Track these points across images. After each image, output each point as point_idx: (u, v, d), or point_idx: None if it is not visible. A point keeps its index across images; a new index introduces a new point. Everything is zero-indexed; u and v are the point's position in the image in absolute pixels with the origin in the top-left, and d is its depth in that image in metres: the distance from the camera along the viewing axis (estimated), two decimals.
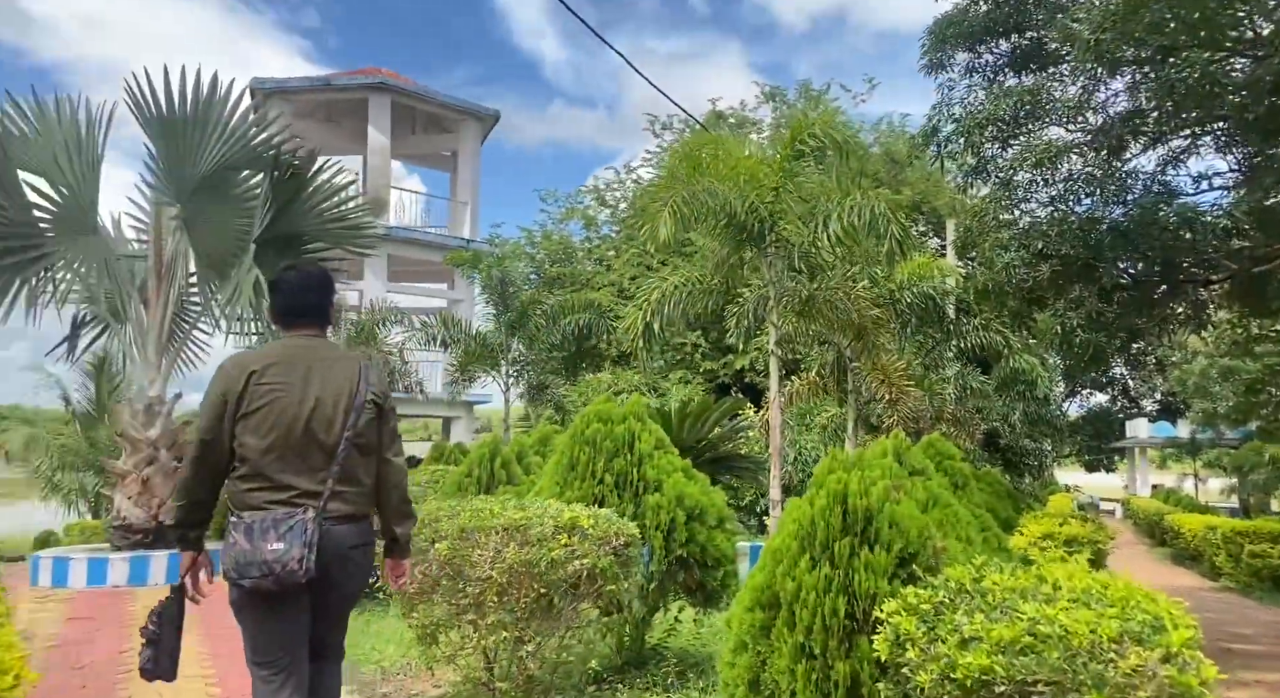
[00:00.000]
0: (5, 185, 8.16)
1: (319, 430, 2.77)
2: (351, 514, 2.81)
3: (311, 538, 2.62)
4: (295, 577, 2.58)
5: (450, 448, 12.10)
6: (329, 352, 2.93)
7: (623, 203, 23.38)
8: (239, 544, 2.61)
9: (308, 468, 2.75)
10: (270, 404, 2.72)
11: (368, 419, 2.87)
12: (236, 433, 2.73)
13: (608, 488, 5.06)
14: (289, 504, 2.69)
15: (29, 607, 7.44)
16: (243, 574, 2.59)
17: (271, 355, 2.82)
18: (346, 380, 2.85)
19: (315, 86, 19.72)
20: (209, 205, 8.81)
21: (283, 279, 3.01)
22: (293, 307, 2.95)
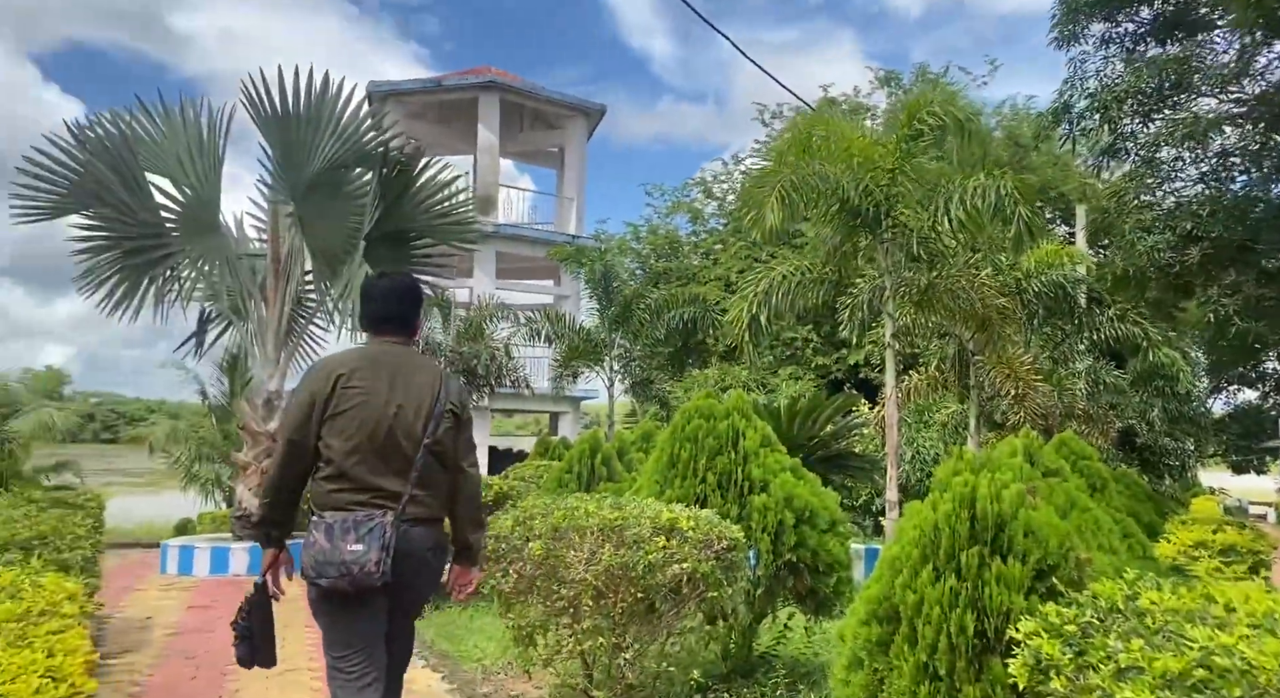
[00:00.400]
0: (135, 187, 8.53)
1: (401, 436, 2.83)
2: (428, 518, 2.88)
3: (389, 541, 2.67)
4: (371, 579, 2.63)
5: (555, 443, 12.07)
6: (412, 360, 3.01)
7: (730, 195, 23.00)
8: (318, 544, 2.67)
9: (389, 471, 2.81)
10: (356, 408, 2.79)
11: (446, 428, 2.92)
12: (322, 435, 2.80)
13: (710, 487, 4.81)
14: (370, 505, 2.74)
15: (155, 594, 7.75)
16: (321, 573, 2.65)
17: (358, 360, 2.90)
18: (428, 389, 2.91)
19: (427, 88, 20.16)
20: (322, 203, 9.00)
21: (373, 287, 3.09)
22: (381, 314, 3.01)
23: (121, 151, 8.47)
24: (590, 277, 13.46)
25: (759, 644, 5.18)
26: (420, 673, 5.35)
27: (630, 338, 14.21)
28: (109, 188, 8.39)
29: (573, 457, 6.76)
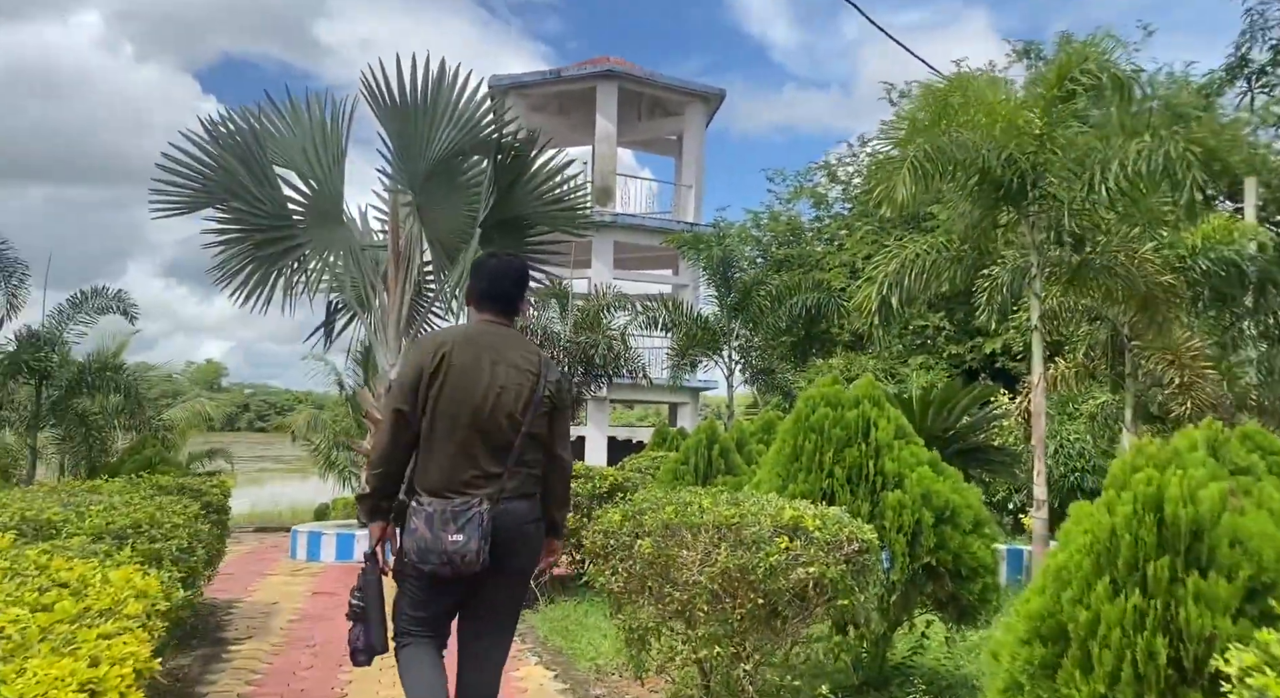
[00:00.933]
0: (264, 181, 8.72)
1: (500, 416, 2.84)
2: (525, 494, 2.91)
3: (487, 529, 2.71)
4: (472, 567, 2.69)
5: (673, 433, 11.80)
6: (516, 342, 3.01)
7: (855, 178, 22.13)
8: (420, 532, 2.71)
9: (488, 451, 2.82)
10: (458, 386, 2.81)
11: (543, 413, 2.94)
12: (425, 409, 2.82)
13: (838, 482, 4.41)
14: (468, 488, 2.77)
15: (284, 579, 7.91)
16: (424, 561, 2.71)
17: (463, 337, 2.92)
18: (529, 373, 2.93)
19: (547, 80, 20.24)
20: (439, 192, 8.99)
21: (484, 264, 3.11)
22: (489, 292, 3.03)
23: (251, 146, 8.68)
24: (708, 263, 13.09)
25: (894, 654, 4.74)
26: (533, 670, 5.17)
27: (750, 326, 13.76)
28: (240, 182, 8.61)
29: (689, 448, 6.45)
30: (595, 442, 18.78)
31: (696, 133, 21.07)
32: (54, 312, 12.52)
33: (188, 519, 3.12)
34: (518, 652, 5.51)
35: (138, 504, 3.02)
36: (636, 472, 9.00)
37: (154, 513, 2.92)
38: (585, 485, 6.98)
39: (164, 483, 5.35)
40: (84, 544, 2.38)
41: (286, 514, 19.37)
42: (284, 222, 8.94)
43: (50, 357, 12.24)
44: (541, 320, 14.94)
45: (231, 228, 8.80)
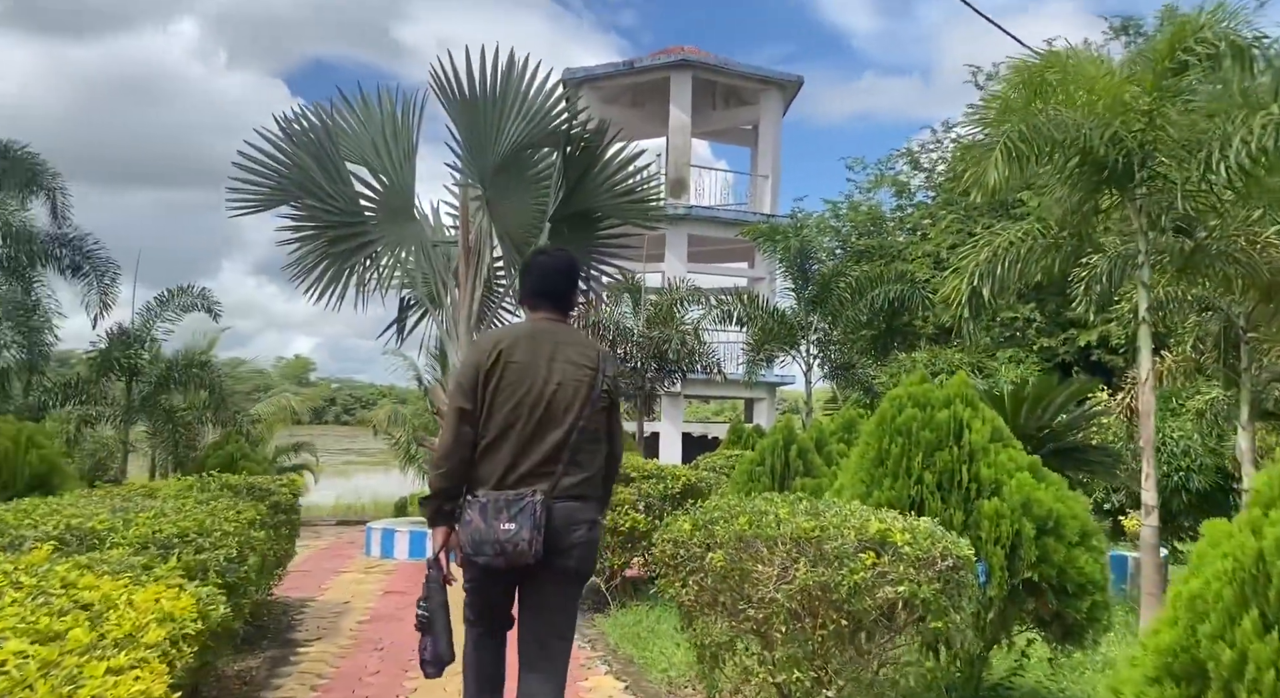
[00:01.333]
0: (336, 177, 8.72)
1: (557, 413, 2.83)
2: (582, 494, 2.88)
3: (540, 520, 2.70)
4: (524, 557, 2.69)
5: (749, 431, 11.48)
6: (571, 337, 3.00)
7: (939, 165, 21.36)
8: (474, 523, 2.72)
9: (543, 448, 2.81)
10: (516, 382, 2.81)
11: (600, 408, 2.92)
12: (483, 406, 2.83)
13: (927, 489, 4.07)
14: (522, 482, 2.77)
15: (357, 577, 7.90)
16: (478, 552, 2.72)
17: (519, 335, 2.91)
18: (586, 368, 2.91)
19: (620, 72, 20.04)
20: (508, 185, 8.86)
21: (533, 262, 3.11)
22: (541, 290, 3.02)
23: (324, 143, 8.69)
24: (785, 255, 12.71)
25: (990, 675, 4.38)
26: (603, 680, 4.97)
27: (829, 319, 13.32)
28: (313, 179, 8.62)
29: (765, 448, 6.16)
30: (670, 438, 18.55)
31: (773, 121, 20.59)
32: (142, 309, 12.89)
33: (239, 526, 3.00)
34: (586, 659, 5.33)
35: (188, 511, 2.90)
36: (711, 471, 8.74)
37: (204, 520, 2.80)
38: (657, 486, 6.77)
39: (233, 482, 5.33)
40: (124, 557, 2.26)
41: (370, 508, 19.68)
42: (356, 218, 8.93)
43: (140, 354, 12.59)
44: (614, 315, 14.77)
45: (305, 225, 8.82)
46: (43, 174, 12.38)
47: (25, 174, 11.96)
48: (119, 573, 2.12)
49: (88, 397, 12.35)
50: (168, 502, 3.24)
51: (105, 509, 2.83)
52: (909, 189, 22.16)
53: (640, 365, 14.65)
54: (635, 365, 14.67)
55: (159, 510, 2.85)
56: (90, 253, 12.72)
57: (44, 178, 12.43)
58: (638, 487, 6.77)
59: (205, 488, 5.06)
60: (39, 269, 12.05)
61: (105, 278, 12.86)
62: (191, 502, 3.20)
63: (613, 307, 14.91)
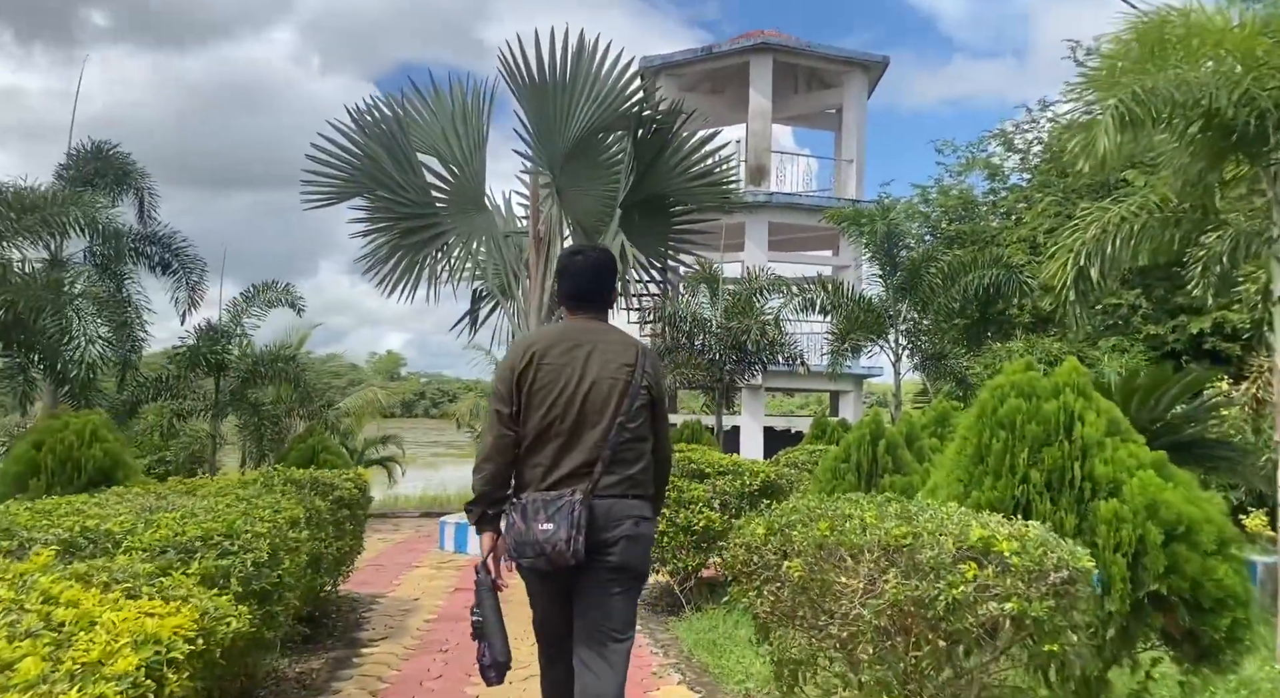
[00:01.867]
0: (408, 168, 8.62)
1: (593, 412, 2.80)
2: (626, 492, 2.82)
3: (579, 520, 2.66)
4: (564, 558, 2.65)
5: (832, 425, 10.97)
6: (609, 335, 2.96)
7: (1035, 146, 20.26)
8: (516, 525, 2.71)
9: (583, 448, 2.78)
10: (550, 384, 2.79)
11: (640, 405, 2.87)
12: (519, 410, 2.82)
13: (1034, 490, 3.62)
14: (561, 483, 2.74)
15: (428, 573, 7.77)
16: (520, 554, 2.71)
17: (555, 337, 2.90)
18: (624, 366, 2.87)
19: (698, 57, 19.62)
20: (579, 171, 8.63)
21: (571, 263, 3.03)
22: (579, 291, 2.99)
23: (395, 134, 8.60)
24: (871, 240, 12.11)
25: (1109, 697, 3.90)
26: (675, 690, 4.66)
27: (919, 307, 12.65)
28: (384, 170, 8.55)
29: (850, 443, 5.73)
30: (750, 432, 18.10)
31: (857, 104, 19.86)
32: (229, 305, 13.12)
33: (274, 527, 2.79)
34: (659, 667, 5.03)
35: (220, 511, 2.70)
36: (792, 467, 8.33)
37: (234, 521, 2.59)
38: (733, 483, 6.41)
39: (297, 476, 5.20)
40: (130, 565, 2.06)
41: (454, 499, 19.84)
42: (428, 209, 8.83)
43: (228, 349, 12.81)
44: (690, 306, 14.40)
45: (378, 216, 8.77)
46: (132, 173, 12.71)
47: (116, 173, 12.29)
48: (117, 584, 1.91)
49: (177, 392, 12.63)
50: (205, 499, 3.06)
51: (131, 510, 2.65)
52: (1002, 172, 21.09)
53: (719, 357, 14.26)
54: (713, 357, 14.29)
55: (188, 511, 2.66)
56: (179, 250, 13.02)
57: (133, 177, 12.76)
58: (712, 483, 6.43)
59: (269, 483, 4.93)
60: (129, 266, 12.36)
61: (194, 275, 13.14)
62: (231, 499, 3.02)
63: (690, 297, 14.54)
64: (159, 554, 2.29)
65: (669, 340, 14.39)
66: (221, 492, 3.32)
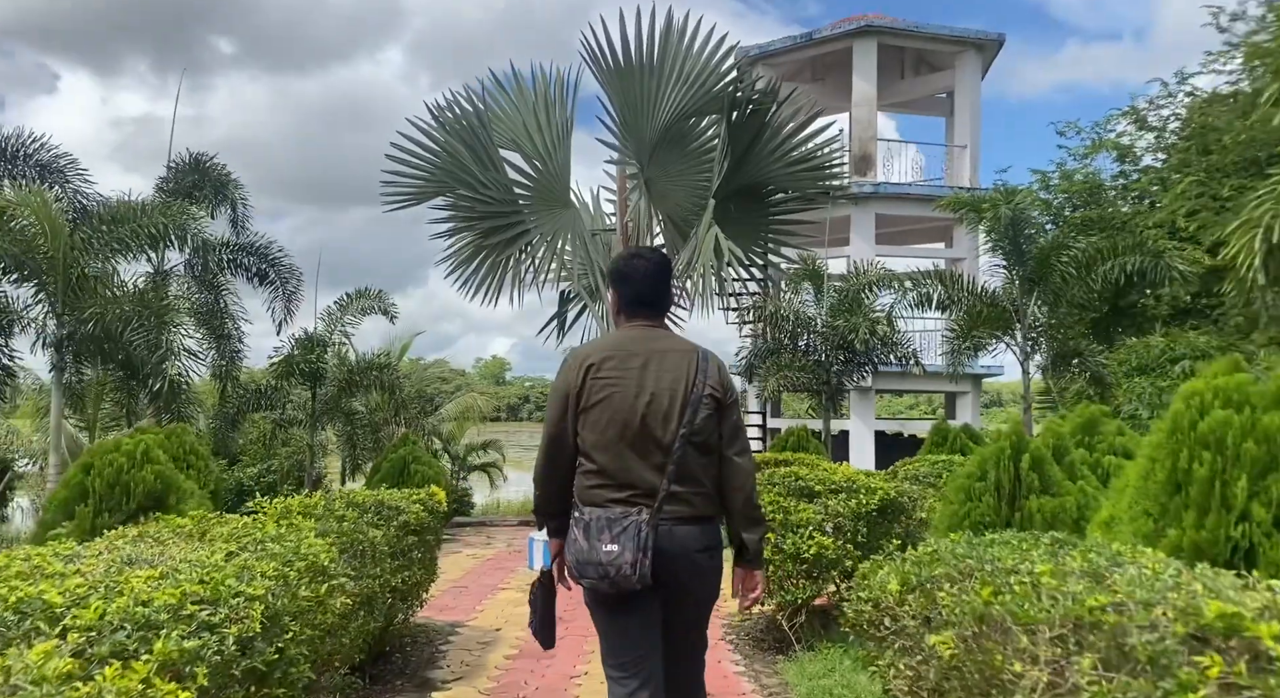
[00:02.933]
0: (489, 164, 8.16)
1: (654, 426, 2.64)
2: (695, 516, 2.65)
3: (645, 542, 2.53)
4: (629, 582, 2.52)
5: (954, 431, 9.98)
6: (667, 342, 2.79)
7: (1172, 122, 18.53)
8: (578, 542, 2.60)
9: (645, 465, 2.63)
10: (606, 399, 2.66)
11: (705, 415, 2.66)
12: (578, 428, 2.69)
13: (1259, 529, 2.77)
14: (627, 503, 2.60)
15: (514, 597, 7.24)
16: (582, 573, 2.60)
17: (610, 348, 2.76)
18: (684, 373, 2.71)
19: (798, 44, 18.71)
20: (669, 161, 7.99)
21: (630, 267, 2.89)
22: (641, 296, 2.84)
23: (475, 129, 8.15)
24: (994, 227, 11.01)
25: None
26: None
27: (1050, 299, 11.47)
28: (465, 166, 8.11)
29: (986, 458, 4.88)
30: (860, 437, 17.09)
31: (970, 87, 18.57)
32: (324, 314, 13.03)
33: (282, 582, 2.23)
34: None
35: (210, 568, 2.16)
36: (913, 481, 7.47)
37: (220, 582, 2.05)
38: (849, 503, 5.64)
39: (361, 499, 4.73)
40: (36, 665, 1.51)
41: None
42: (510, 207, 8.34)
43: (323, 358, 12.71)
44: (794, 304, 13.57)
45: (459, 215, 8.33)
46: (229, 185, 12.76)
47: (214, 184, 12.34)
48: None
49: (273, 402, 12.60)
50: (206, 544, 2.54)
51: (104, 563, 2.15)
52: (1133, 153, 19.40)
53: (825, 358, 13.39)
54: (819, 358, 13.42)
55: (170, 566, 2.14)
56: (275, 260, 13.01)
57: (230, 188, 12.81)
58: (824, 503, 5.66)
59: (330, 508, 4.47)
60: (226, 277, 12.39)
61: (290, 284, 13.11)
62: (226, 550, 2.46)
63: (792, 295, 13.71)
64: (112, 633, 1.77)
65: (770, 341, 13.60)
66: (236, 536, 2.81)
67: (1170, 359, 14.05)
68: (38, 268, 8.18)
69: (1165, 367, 14.20)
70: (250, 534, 2.79)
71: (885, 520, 5.93)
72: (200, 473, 7.64)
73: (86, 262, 8.41)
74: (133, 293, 8.73)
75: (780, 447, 11.14)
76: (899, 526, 6.00)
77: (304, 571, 2.51)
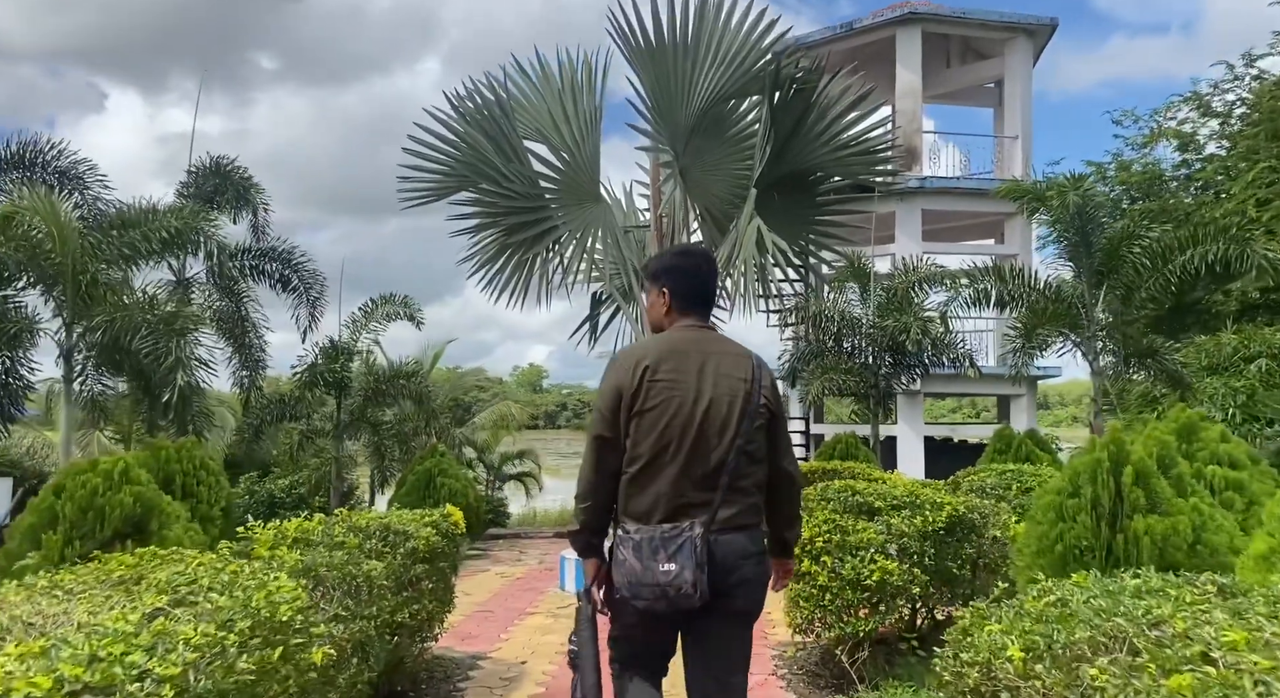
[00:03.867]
0: (513, 156, 7.62)
1: (712, 434, 2.53)
2: (744, 524, 2.55)
3: (702, 557, 2.42)
4: (690, 601, 2.41)
5: (1019, 438, 9.23)
6: (721, 345, 2.67)
7: (1238, 108, 17.53)
8: (628, 563, 2.46)
9: (698, 474, 2.51)
10: (664, 403, 2.53)
11: (760, 425, 2.57)
12: (629, 432, 2.55)
13: None
14: (677, 515, 2.48)
15: (541, 623, 6.65)
16: (636, 595, 2.45)
17: (665, 349, 2.60)
18: (741, 381, 2.59)
19: (838, 35, 17.99)
20: (704, 147, 7.40)
21: (682, 262, 2.79)
22: (691, 293, 2.73)
23: (498, 118, 7.62)
24: (1059, 216, 10.21)
25: None
26: None
27: (1121, 293, 10.64)
28: (487, 159, 7.58)
29: (1079, 472, 4.21)
30: (909, 444, 16.28)
31: (1021, 75, 17.69)
32: (348, 321, 12.61)
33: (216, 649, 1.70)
34: None
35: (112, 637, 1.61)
36: (979, 495, 6.78)
37: (118, 659, 1.51)
38: (912, 520, 4.99)
39: (365, 523, 4.20)
40: None
41: None
42: (536, 202, 7.80)
43: (347, 366, 12.28)
44: (838, 304, 12.87)
45: (482, 211, 7.80)
46: (251, 189, 12.41)
47: (236, 189, 11.99)
48: None
49: (296, 413, 12.17)
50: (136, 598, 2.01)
51: None
52: (1196, 141, 18.40)
53: (872, 360, 12.67)
54: (866, 361, 12.71)
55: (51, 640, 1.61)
56: (298, 265, 12.63)
57: (252, 193, 12.46)
58: (885, 521, 5.02)
59: (329, 533, 3.95)
60: (247, 284, 12.02)
61: (313, 291, 12.72)
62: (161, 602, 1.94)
63: (836, 295, 13.01)
64: None
65: (814, 343, 12.92)
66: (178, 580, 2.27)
67: (1245, 358, 13.13)
68: (44, 274, 7.83)
69: (1239, 366, 13.26)
70: (195, 581, 2.25)
71: (954, 540, 5.26)
72: (210, 489, 7.20)
73: (97, 268, 8.04)
74: (142, 300, 8.34)
75: (827, 455, 10.44)
76: (969, 546, 5.33)
77: (250, 630, 1.96)
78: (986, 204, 16.97)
